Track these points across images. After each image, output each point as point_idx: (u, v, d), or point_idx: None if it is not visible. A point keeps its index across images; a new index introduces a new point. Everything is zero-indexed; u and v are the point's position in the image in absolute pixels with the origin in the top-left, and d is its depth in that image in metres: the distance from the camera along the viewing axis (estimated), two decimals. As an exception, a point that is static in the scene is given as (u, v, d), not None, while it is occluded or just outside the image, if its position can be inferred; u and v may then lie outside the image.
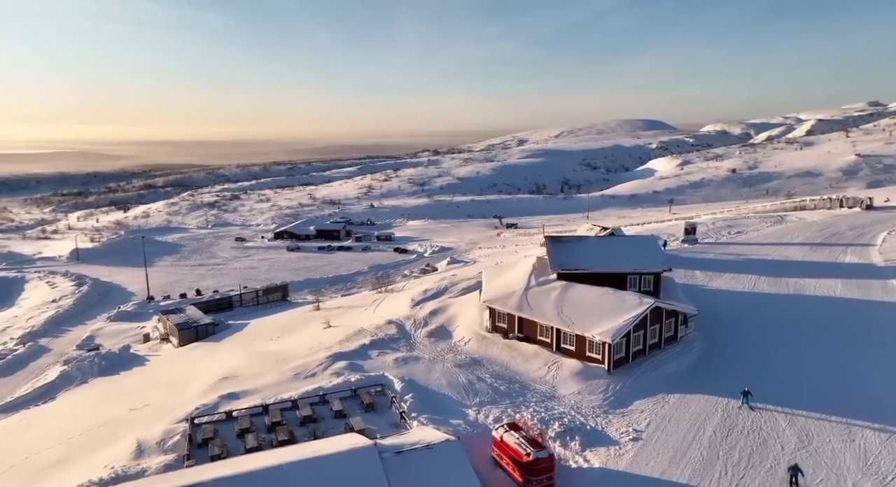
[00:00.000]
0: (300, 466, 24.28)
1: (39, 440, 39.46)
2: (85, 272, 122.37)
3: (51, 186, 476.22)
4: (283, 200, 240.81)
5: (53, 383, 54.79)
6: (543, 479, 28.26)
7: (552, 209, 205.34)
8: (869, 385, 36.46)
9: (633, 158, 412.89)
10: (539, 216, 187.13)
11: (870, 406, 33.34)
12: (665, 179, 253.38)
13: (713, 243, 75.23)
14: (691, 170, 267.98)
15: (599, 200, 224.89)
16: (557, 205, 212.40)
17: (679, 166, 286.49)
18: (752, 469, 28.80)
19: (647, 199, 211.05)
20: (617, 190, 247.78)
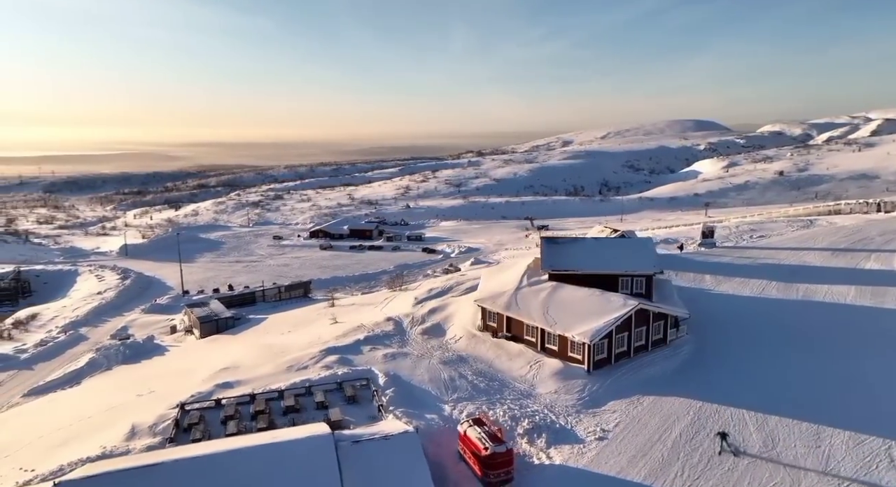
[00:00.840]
0: (257, 451, 26.07)
1: (56, 421, 42.83)
2: (131, 266, 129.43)
3: (114, 185, 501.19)
4: (324, 200, 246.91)
5: (81, 369, 58.90)
6: (501, 473, 29.17)
7: (587, 211, 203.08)
8: (851, 391, 35.74)
9: (678, 160, 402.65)
10: (573, 218, 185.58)
11: (846, 413, 32.79)
12: (707, 182, 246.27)
13: (732, 247, 73.74)
14: (736, 172, 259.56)
15: (637, 203, 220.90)
16: (593, 208, 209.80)
17: (724, 168, 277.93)
18: (709, 471, 28.94)
19: (686, 202, 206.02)
20: (656, 192, 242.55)
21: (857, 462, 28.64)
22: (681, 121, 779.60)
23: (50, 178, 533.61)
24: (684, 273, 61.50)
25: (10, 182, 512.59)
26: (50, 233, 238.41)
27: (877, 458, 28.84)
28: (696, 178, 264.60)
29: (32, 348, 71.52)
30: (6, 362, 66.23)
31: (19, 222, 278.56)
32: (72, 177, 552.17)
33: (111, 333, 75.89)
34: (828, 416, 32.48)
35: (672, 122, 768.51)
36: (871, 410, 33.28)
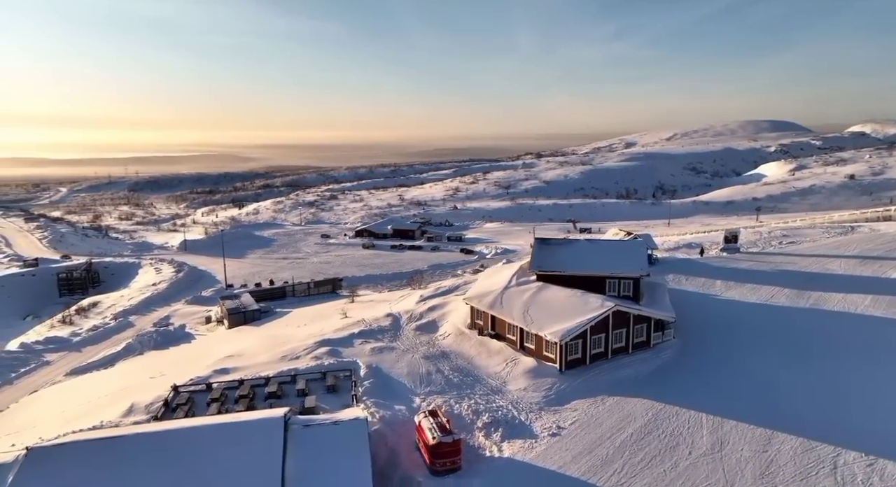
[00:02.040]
0: (212, 428, 28.87)
1: (82, 397, 47.68)
2: (187, 260, 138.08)
3: (190, 185, 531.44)
4: (375, 201, 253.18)
5: (118, 353, 64.55)
6: (446, 462, 30.74)
7: (636, 214, 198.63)
8: (825, 399, 34.93)
9: (746, 162, 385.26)
10: (619, 221, 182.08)
11: (809, 421, 32.26)
12: (769, 185, 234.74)
13: (756, 253, 71.38)
14: (803, 175, 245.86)
15: (690, 206, 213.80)
16: (643, 211, 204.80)
17: (790, 172, 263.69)
18: (647, 469, 29.40)
19: (744, 207, 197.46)
20: (712, 196, 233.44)
21: (799, 468, 28.34)
22: (755, 121, 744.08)
23: (134, 178, 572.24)
24: (696, 277, 60.49)
25: (100, 181, 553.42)
26: (127, 228, 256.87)
27: (820, 465, 28.43)
28: (759, 182, 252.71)
29: (85, 333, 78.57)
30: (59, 344, 73.31)
31: (104, 218, 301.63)
32: (153, 176, 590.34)
33: (154, 321, 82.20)
34: (788, 423, 32.03)
35: (745, 123, 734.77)
36: (838, 419, 32.58)
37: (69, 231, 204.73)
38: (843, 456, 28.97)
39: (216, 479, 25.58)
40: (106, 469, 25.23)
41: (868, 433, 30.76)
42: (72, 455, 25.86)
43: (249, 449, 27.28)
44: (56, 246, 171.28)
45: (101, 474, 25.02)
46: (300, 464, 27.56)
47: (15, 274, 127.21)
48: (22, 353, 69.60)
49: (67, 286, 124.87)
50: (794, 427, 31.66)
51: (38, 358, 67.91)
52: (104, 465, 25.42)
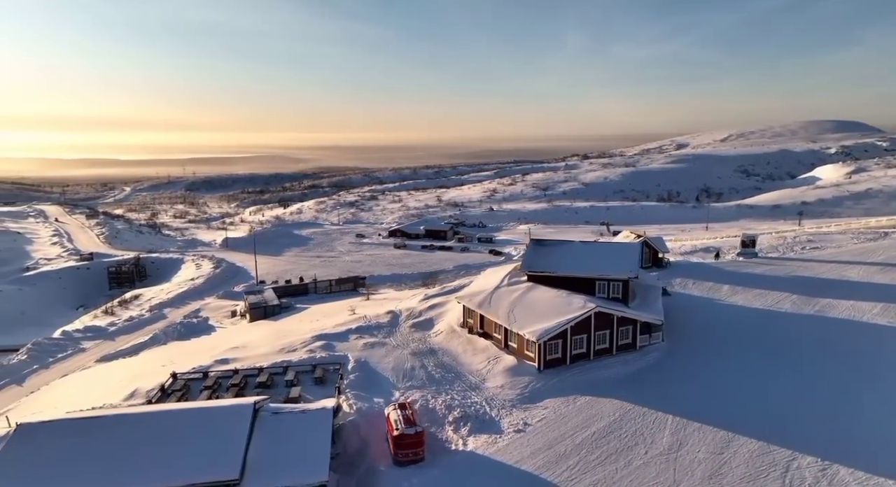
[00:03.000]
0: (187, 412, 31.23)
1: (101, 382, 51.39)
2: (227, 257, 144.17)
3: (242, 185, 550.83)
4: (413, 202, 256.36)
5: (144, 342, 68.69)
6: (409, 453, 32.07)
7: (675, 218, 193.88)
8: (799, 406, 34.33)
9: (803, 165, 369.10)
10: (657, 224, 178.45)
11: (773, 426, 31.88)
12: (821, 189, 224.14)
13: (774, 258, 69.45)
14: (860, 179, 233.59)
15: (734, 210, 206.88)
16: (683, 214, 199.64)
17: (847, 175, 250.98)
18: (599, 467, 29.92)
19: (791, 211, 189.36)
20: (758, 199, 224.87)
21: (750, 470, 28.32)
22: (818, 121, 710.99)
23: (191, 178, 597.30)
24: (703, 282, 59.62)
25: (160, 181, 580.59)
26: (180, 226, 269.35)
27: (773, 468, 28.30)
28: (811, 185, 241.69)
29: (121, 323, 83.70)
30: (96, 333, 78.48)
31: (160, 216, 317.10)
32: (209, 177, 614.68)
33: (185, 314, 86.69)
34: (755, 427, 31.88)
35: (808, 124, 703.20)
36: (807, 424, 32.20)
37: (125, 227, 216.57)
38: (799, 461, 28.71)
39: (182, 457, 27.77)
40: (83, 445, 27.76)
41: (831, 439, 30.37)
42: (55, 432, 28.56)
43: (217, 432, 29.39)
44: (111, 242, 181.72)
45: (79, 448, 27.56)
46: (264, 447, 29.51)
47: (72, 268, 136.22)
48: (62, 340, 74.92)
49: (116, 279, 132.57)
50: (757, 431, 31.48)
51: (75, 345, 72.96)
52: (83, 441, 27.98)
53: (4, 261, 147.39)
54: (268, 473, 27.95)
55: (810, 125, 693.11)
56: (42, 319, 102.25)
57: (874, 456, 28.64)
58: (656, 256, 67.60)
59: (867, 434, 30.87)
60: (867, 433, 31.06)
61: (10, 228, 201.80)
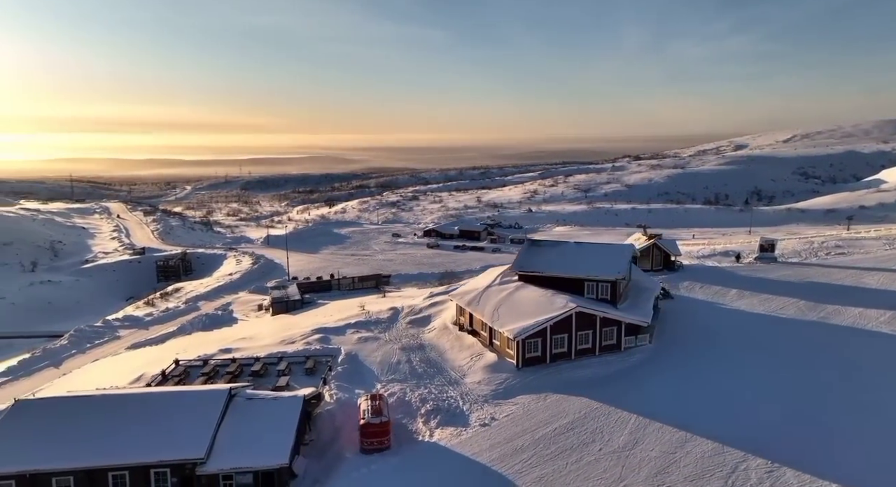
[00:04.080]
0: (165, 395, 33.93)
1: (124, 367, 55.21)
2: (267, 254, 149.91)
3: (294, 184, 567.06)
4: (453, 202, 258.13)
5: (171, 332, 72.97)
6: (374, 442, 33.67)
7: (719, 221, 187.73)
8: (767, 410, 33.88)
9: (871, 167, 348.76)
10: (698, 228, 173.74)
11: (734, 428, 31.75)
12: (883, 193, 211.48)
13: (795, 263, 67.25)
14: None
15: (784, 214, 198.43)
16: (728, 218, 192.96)
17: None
18: (551, 461, 30.66)
19: (848, 215, 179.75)
20: (812, 203, 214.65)
21: (697, 470, 28.53)
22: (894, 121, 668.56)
23: (247, 178, 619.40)
24: (711, 286, 58.73)
25: (218, 180, 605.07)
26: (231, 223, 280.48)
27: (720, 468, 28.45)
28: (874, 189, 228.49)
29: (157, 313, 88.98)
30: (133, 322, 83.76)
31: (214, 214, 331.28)
32: (263, 176, 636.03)
33: (216, 307, 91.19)
34: (710, 428, 31.72)
35: (882, 123, 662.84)
36: (767, 427, 31.82)
37: (178, 224, 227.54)
38: (748, 462, 28.65)
39: (155, 436, 30.34)
40: (70, 421, 30.71)
41: (789, 442, 30.12)
42: (48, 408, 31.73)
43: (191, 414, 31.87)
44: (164, 238, 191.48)
45: (65, 424, 30.52)
46: (234, 428, 31.78)
47: (125, 261, 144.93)
48: (101, 328, 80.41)
49: (164, 273, 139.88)
50: (717, 432, 31.51)
51: (112, 333, 78.20)
52: (69, 418, 30.97)
53: (68, 254, 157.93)
54: (232, 454, 30.13)
55: (885, 125, 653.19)
56: (94, 308, 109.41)
57: (829, 461, 28.22)
58: (668, 259, 66.75)
59: (826, 440, 30.37)
60: (827, 438, 30.55)
61: (77, 224, 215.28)
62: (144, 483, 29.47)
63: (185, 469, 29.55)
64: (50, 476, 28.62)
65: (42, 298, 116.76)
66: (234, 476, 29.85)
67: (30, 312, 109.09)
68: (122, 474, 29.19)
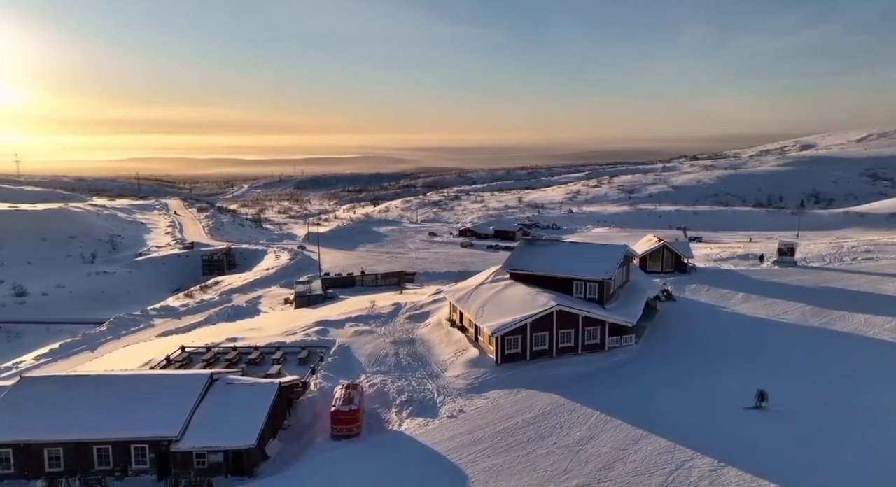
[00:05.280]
0: (151, 377, 36.76)
1: (143, 352, 59.16)
2: (305, 250, 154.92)
3: (344, 183, 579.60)
4: (495, 202, 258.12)
5: (198, 322, 77.20)
6: (343, 428, 35.38)
7: (768, 224, 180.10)
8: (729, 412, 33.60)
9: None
10: (745, 231, 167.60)
11: (694, 430, 31.62)
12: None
13: (815, 267, 64.79)
14: None
15: (840, 218, 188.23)
16: (778, 221, 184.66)
17: None
18: (504, 453, 31.48)
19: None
20: (873, 207, 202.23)
21: (642, 466, 28.77)
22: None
23: (300, 177, 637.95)
24: (718, 289, 57.60)
25: (272, 179, 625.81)
26: (280, 220, 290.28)
27: (665, 465, 28.61)
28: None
29: (192, 304, 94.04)
30: (168, 312, 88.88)
31: (266, 211, 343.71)
32: (316, 176, 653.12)
33: (247, 300, 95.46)
34: (667, 427, 31.73)
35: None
36: (726, 428, 31.57)
37: (229, 221, 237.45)
38: (695, 461, 28.62)
39: (137, 414, 32.94)
40: (65, 397, 33.74)
41: (743, 443, 29.80)
42: (47, 385, 35.02)
43: (172, 396, 34.37)
44: (213, 233, 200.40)
45: (61, 399, 33.57)
46: (210, 410, 34.13)
47: (174, 255, 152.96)
48: (138, 316, 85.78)
49: (209, 266, 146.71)
50: (673, 431, 31.46)
51: (148, 321, 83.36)
52: (65, 394, 34.00)
53: (125, 247, 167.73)
54: (205, 434, 32.42)
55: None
56: (142, 299, 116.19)
57: (779, 463, 27.77)
58: (679, 261, 65.57)
59: (783, 444, 29.82)
60: (785, 442, 29.99)
61: (137, 219, 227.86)
62: (125, 457, 32.14)
63: (161, 446, 32.02)
64: (42, 446, 31.65)
65: (96, 288, 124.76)
66: (206, 455, 32.09)
67: (85, 300, 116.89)
68: (105, 448, 31.96)
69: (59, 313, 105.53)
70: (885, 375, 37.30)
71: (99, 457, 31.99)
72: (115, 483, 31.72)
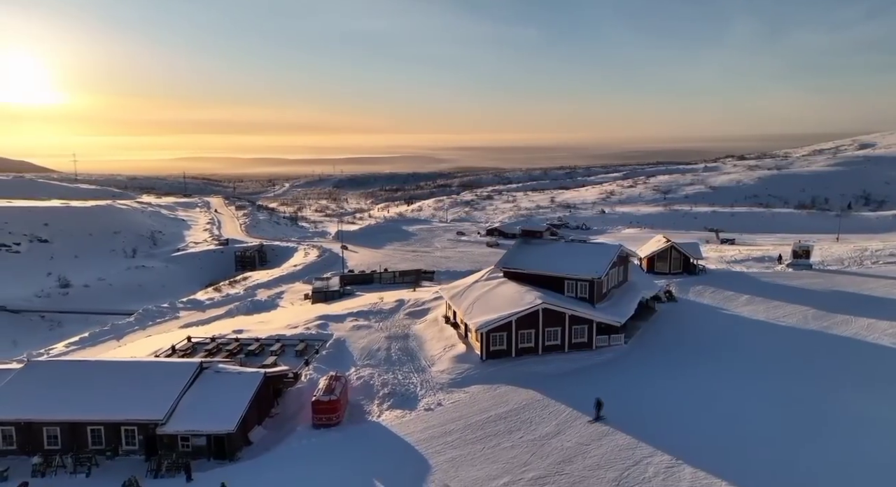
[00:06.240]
0: (145, 363, 38.89)
1: (165, 341, 62.11)
2: (334, 248, 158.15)
3: (381, 183, 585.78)
4: (526, 202, 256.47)
5: (219, 315, 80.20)
6: (322, 417, 36.76)
7: (809, 227, 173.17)
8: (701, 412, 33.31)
9: None
10: (785, 233, 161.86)
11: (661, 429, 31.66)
12: None
13: (831, 270, 62.73)
14: None
15: (889, 221, 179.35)
16: (820, 223, 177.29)
17: None
18: (470, 445, 32.32)
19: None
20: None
21: (600, 461, 29.23)
22: None
23: (339, 176, 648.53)
24: (723, 291, 56.63)
25: (312, 179, 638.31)
26: (316, 219, 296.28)
27: (623, 461, 29.03)
28: None
29: (218, 298, 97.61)
30: (194, 305, 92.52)
31: (304, 210, 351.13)
32: (354, 175, 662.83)
33: (269, 295, 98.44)
34: (634, 426, 31.85)
35: None
36: (693, 427, 31.46)
37: (265, 218, 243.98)
38: (654, 458, 28.84)
39: (128, 397, 35.01)
40: (66, 380, 36.12)
41: (706, 443, 29.77)
42: (52, 369, 37.57)
43: (162, 382, 36.33)
44: (249, 230, 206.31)
45: (62, 382, 35.95)
46: (197, 394, 35.99)
47: (209, 251, 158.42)
48: (165, 309, 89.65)
49: (242, 262, 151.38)
50: (639, 429, 31.76)
51: (174, 313, 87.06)
52: (67, 377, 36.42)
53: (165, 243, 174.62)
54: (189, 418, 34.24)
55: None
56: (176, 292, 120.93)
57: (737, 461, 27.64)
58: (688, 262, 64.49)
59: (750, 445, 29.51)
60: (751, 444, 29.67)
61: (179, 216, 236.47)
62: (116, 438, 34.27)
63: (148, 429, 33.99)
64: (42, 425, 34.07)
65: (134, 281, 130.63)
66: (190, 438, 33.92)
67: (123, 293, 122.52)
68: (98, 429, 34.15)
69: (98, 304, 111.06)
70: (866, 380, 36.33)
71: (92, 437, 34.18)
72: (107, 462, 33.79)
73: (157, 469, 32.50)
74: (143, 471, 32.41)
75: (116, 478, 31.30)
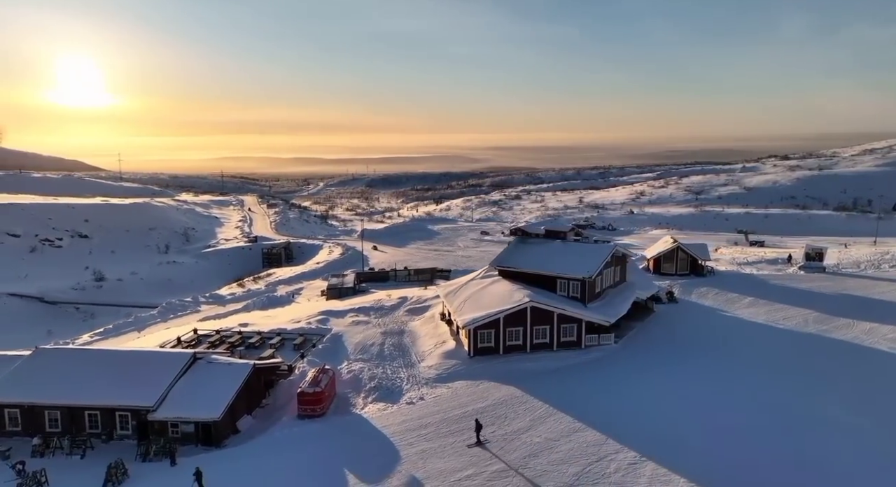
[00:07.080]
0: (142, 353, 40.83)
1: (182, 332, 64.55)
2: (357, 246, 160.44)
3: (413, 182, 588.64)
4: (555, 202, 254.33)
5: (237, 309, 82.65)
6: (307, 408, 37.95)
7: (847, 230, 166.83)
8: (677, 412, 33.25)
9: None
10: (815, 236, 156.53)
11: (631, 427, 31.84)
12: None
13: (843, 273, 60.96)
14: None
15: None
16: (859, 226, 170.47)
17: None
18: (443, 438, 33.19)
19: None
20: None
21: (565, 456, 29.81)
22: None
23: (372, 175, 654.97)
24: (726, 292, 55.92)
25: (346, 178, 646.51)
26: (346, 217, 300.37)
27: (588, 457, 29.69)
28: None
29: (239, 293, 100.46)
30: (215, 299, 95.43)
31: (336, 208, 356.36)
32: (387, 175, 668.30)
33: (288, 290, 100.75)
34: (605, 423, 32.08)
35: None
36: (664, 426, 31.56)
37: (295, 217, 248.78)
38: (619, 454, 29.33)
39: (125, 383, 36.89)
40: (69, 366, 38.26)
41: (673, 441, 29.67)
42: (57, 356, 39.74)
43: (156, 371, 38.14)
44: (278, 228, 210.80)
45: (65, 368, 38.10)
46: (189, 382, 37.68)
47: (238, 248, 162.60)
48: (188, 302, 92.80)
49: (269, 259, 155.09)
50: (609, 427, 32.17)
51: (195, 307, 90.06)
52: (70, 364, 38.56)
53: (197, 239, 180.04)
54: (178, 405, 35.89)
55: None
56: (203, 287, 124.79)
57: (702, 459, 27.61)
58: (695, 264, 63.53)
59: (710, 443, 29.41)
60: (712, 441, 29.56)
61: (213, 213, 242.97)
62: (111, 423, 36.16)
63: (140, 415, 35.76)
64: (43, 409, 36.20)
65: (165, 276, 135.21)
66: (180, 425, 35.55)
67: (153, 287, 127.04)
68: (95, 414, 36.12)
69: (129, 297, 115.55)
70: (852, 385, 35.48)
71: (89, 422, 36.16)
72: (102, 445, 35.71)
73: (146, 453, 34.18)
74: (134, 455, 34.15)
75: (109, 460, 32.98)
